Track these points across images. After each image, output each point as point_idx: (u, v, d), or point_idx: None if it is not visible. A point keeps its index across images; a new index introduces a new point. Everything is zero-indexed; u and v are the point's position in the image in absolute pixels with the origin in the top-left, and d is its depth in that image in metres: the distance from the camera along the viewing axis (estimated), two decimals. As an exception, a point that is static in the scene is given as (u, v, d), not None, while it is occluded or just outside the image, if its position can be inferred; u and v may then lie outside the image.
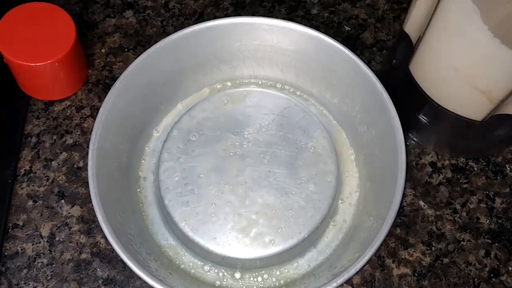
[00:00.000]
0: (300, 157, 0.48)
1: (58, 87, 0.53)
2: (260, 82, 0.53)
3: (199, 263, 0.46)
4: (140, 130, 0.50)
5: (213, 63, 0.51)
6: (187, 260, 0.46)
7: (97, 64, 0.56)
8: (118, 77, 0.55)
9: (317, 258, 0.47)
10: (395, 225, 0.50)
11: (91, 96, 0.54)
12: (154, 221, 0.48)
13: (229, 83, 0.53)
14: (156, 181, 0.48)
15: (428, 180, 0.52)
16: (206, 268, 0.46)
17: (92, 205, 0.45)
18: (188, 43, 0.49)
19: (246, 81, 0.53)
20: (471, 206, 0.51)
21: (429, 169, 0.52)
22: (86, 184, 0.50)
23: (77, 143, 0.52)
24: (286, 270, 0.46)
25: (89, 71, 0.55)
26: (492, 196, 0.51)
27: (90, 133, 0.52)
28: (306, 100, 0.53)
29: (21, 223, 0.49)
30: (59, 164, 0.51)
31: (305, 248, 0.47)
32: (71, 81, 0.53)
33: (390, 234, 0.49)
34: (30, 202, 0.49)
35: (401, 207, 0.50)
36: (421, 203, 0.51)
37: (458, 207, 0.51)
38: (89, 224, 0.49)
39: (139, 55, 0.47)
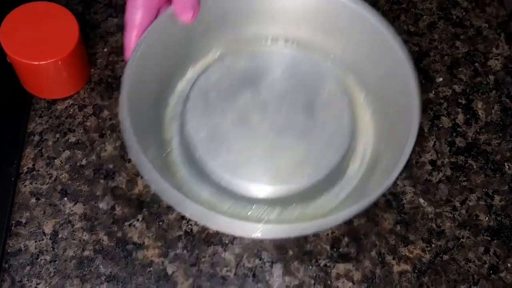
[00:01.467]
0: (315, 101, 0.50)
1: (61, 86, 0.53)
2: (268, 39, 0.55)
3: (235, 203, 0.48)
4: (156, 98, 0.50)
5: (220, 24, 0.52)
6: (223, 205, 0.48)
7: (100, 63, 0.56)
8: (120, 76, 0.55)
9: (342, 192, 0.49)
10: (395, 222, 0.50)
11: (93, 95, 0.55)
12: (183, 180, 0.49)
13: (236, 43, 0.54)
14: (183, 142, 0.49)
15: (428, 178, 0.52)
16: (246, 209, 0.48)
17: (94, 203, 0.46)
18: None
19: (253, 38, 0.54)
20: (471, 204, 0.51)
21: (429, 167, 0.53)
22: (88, 182, 0.51)
23: (79, 141, 0.52)
24: (313, 206, 0.48)
25: (92, 70, 0.56)
26: (491, 194, 0.52)
27: (93, 132, 0.53)
28: (312, 49, 0.54)
29: (24, 221, 0.49)
30: (62, 162, 0.51)
31: (330, 183, 0.49)
32: (74, 80, 0.54)
33: (390, 231, 0.50)
34: (33, 200, 0.50)
35: (401, 204, 0.51)
36: (421, 200, 0.51)
37: (457, 204, 0.51)
38: (92, 221, 0.49)
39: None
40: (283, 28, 0.54)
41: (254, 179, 0.47)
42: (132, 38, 0.46)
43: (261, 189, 0.47)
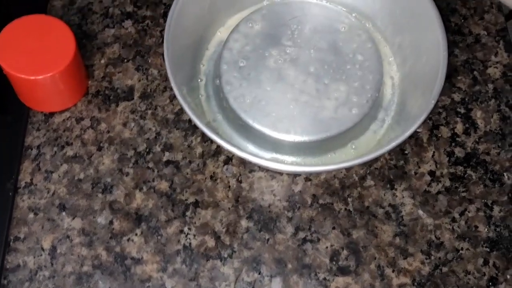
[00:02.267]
0: (337, 39, 0.54)
1: (58, 99, 0.53)
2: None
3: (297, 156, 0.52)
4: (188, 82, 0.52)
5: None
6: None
7: (97, 75, 0.56)
8: (117, 88, 0.55)
9: (387, 117, 0.53)
10: (394, 234, 0.50)
11: (91, 108, 0.54)
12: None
13: (241, 13, 0.57)
14: (231, 112, 0.51)
15: (427, 189, 0.52)
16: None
17: (93, 217, 0.46)
18: None
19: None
20: (470, 215, 0.51)
21: (428, 178, 0.53)
22: (86, 196, 0.51)
23: (77, 154, 0.52)
24: (365, 139, 0.53)
25: (89, 82, 0.55)
26: (490, 205, 0.52)
27: (90, 145, 0.53)
28: None
29: (22, 236, 0.49)
30: (59, 176, 0.51)
31: (373, 114, 0.53)
32: (71, 93, 0.53)
33: (389, 243, 0.50)
34: (31, 215, 0.50)
35: (400, 216, 0.51)
36: (420, 212, 0.51)
37: (456, 216, 0.51)
38: (90, 236, 0.49)
39: (139, 66, 0.47)
40: None
41: (308, 130, 0.50)
42: None
43: (316, 137, 0.50)
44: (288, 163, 0.51)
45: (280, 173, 0.52)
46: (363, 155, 0.46)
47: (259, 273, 0.48)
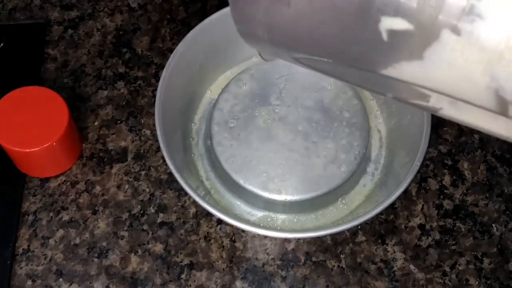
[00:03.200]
0: (324, 97, 0.55)
1: (54, 165, 0.54)
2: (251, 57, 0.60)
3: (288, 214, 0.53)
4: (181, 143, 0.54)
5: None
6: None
7: (91, 137, 0.57)
8: (111, 150, 0.56)
9: (376, 172, 0.55)
10: (386, 290, 0.51)
11: (85, 171, 0.55)
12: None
13: (230, 71, 0.59)
14: (223, 172, 0.52)
15: (418, 243, 0.53)
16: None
17: (89, 283, 0.46)
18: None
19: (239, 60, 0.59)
20: (460, 268, 0.52)
21: (418, 231, 0.53)
22: (83, 261, 0.51)
23: (73, 219, 0.53)
24: (354, 193, 0.54)
25: (83, 144, 0.57)
26: (480, 257, 0.53)
27: (85, 209, 0.53)
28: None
29: (20, 304, 0.50)
30: (56, 242, 0.52)
31: (363, 169, 0.54)
32: (66, 158, 0.54)
33: (382, 300, 0.51)
34: (29, 282, 0.50)
35: (392, 271, 0.52)
36: (412, 267, 0.52)
37: (447, 269, 0.52)
38: (87, 302, 0.50)
39: (132, 127, 0.48)
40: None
41: (298, 189, 0.51)
42: None
43: (307, 196, 0.51)
44: (279, 230, 0.52)
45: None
46: (351, 220, 0.46)
47: (255, 335, 0.49)
